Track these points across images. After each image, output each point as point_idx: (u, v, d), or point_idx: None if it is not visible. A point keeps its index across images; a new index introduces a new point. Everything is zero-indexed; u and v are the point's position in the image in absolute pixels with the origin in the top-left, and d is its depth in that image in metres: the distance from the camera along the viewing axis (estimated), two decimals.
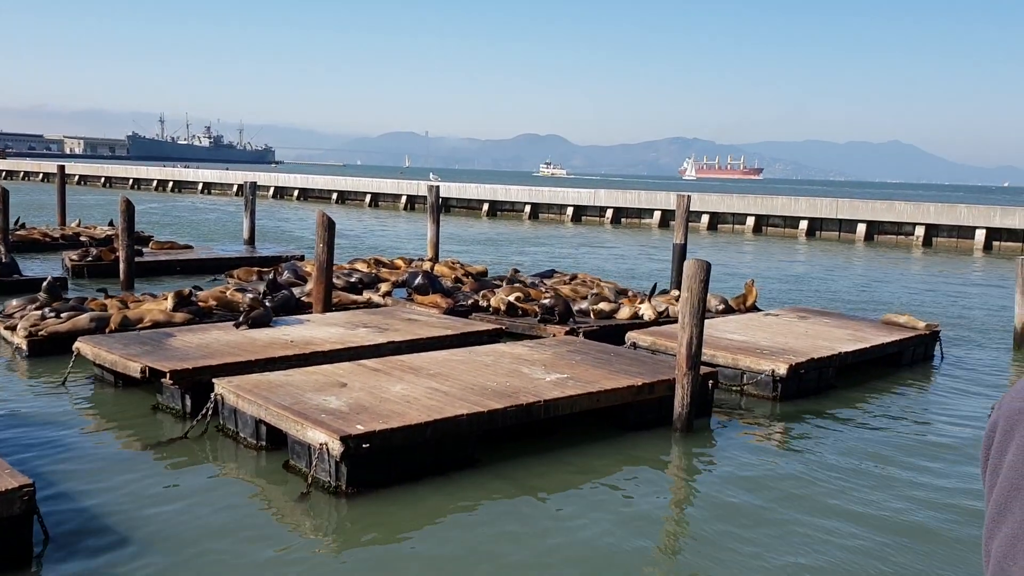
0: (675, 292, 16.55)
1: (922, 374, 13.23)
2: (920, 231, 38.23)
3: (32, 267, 20.43)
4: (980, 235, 36.74)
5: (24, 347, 11.88)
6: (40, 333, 12.01)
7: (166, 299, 13.30)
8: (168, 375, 9.29)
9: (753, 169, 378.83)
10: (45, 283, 13.93)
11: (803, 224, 41.10)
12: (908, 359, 13.51)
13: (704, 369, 10.14)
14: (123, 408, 9.82)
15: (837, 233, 40.39)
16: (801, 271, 27.18)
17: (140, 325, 12.25)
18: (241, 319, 11.75)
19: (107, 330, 11.98)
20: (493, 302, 14.75)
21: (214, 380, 8.98)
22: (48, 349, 11.88)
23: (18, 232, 25.32)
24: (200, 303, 13.54)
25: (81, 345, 10.60)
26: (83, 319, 12.29)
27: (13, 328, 12.39)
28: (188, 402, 9.37)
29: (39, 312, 12.66)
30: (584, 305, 14.75)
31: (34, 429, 8.92)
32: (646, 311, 14.59)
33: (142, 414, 9.61)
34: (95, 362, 10.48)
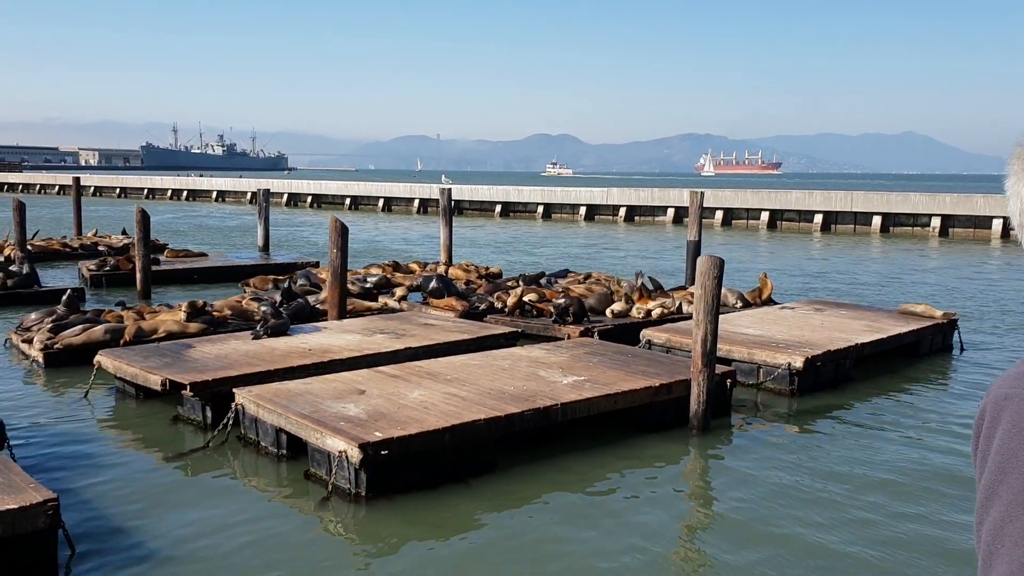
0: (690, 288, 16.53)
1: (940, 364, 13.15)
2: (936, 222, 38.00)
3: (51, 277, 20.63)
4: (997, 224, 36.47)
5: (40, 359, 12.00)
6: (56, 346, 12.12)
7: (181, 310, 13.39)
8: (188, 387, 9.35)
9: (771, 164, 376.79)
10: (65, 296, 14.06)
11: (818, 218, 40.93)
12: (926, 349, 13.45)
13: (722, 368, 10.13)
14: (144, 420, 9.90)
15: (852, 226, 40.19)
16: (817, 265, 27.06)
17: (154, 336, 12.34)
18: (259, 329, 11.81)
19: (121, 342, 12.07)
20: (509, 302, 14.79)
21: (234, 390, 9.05)
22: (64, 361, 12.00)
23: (37, 243, 25.59)
24: (215, 313, 13.63)
25: (102, 358, 10.69)
26: (98, 331, 12.40)
27: (31, 341, 12.51)
28: (208, 413, 9.43)
29: (52, 325, 12.77)
30: (591, 302, 14.73)
31: (57, 442, 9.01)
32: (656, 310, 14.55)
33: (163, 426, 9.68)
34: (116, 375, 10.57)
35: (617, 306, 14.60)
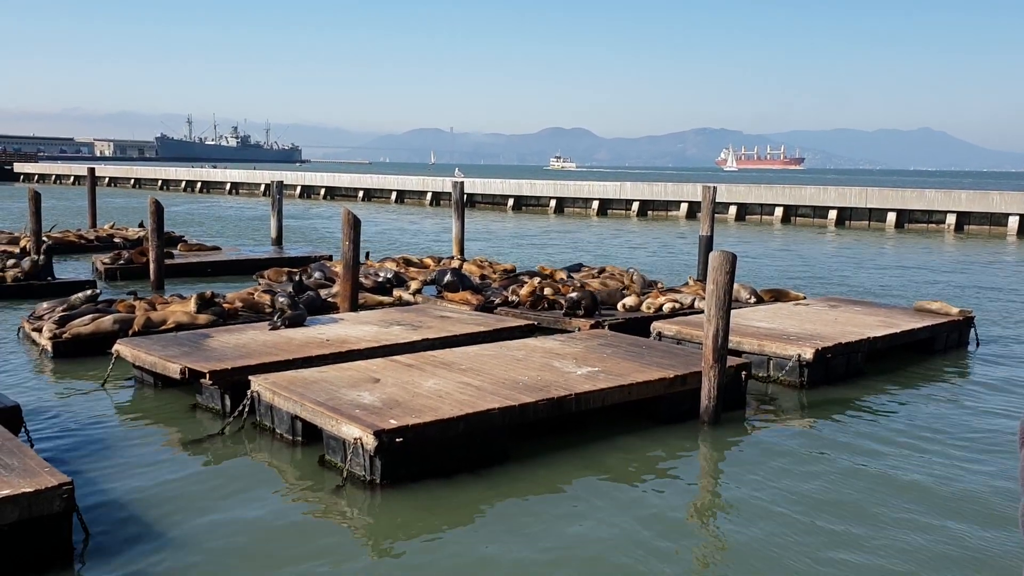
0: (692, 285, 16.58)
1: (955, 361, 13.10)
2: (951, 219, 37.83)
3: (66, 269, 20.80)
4: (1013, 221, 36.28)
5: (49, 348, 12.14)
6: (64, 335, 12.26)
7: (191, 301, 13.49)
8: (207, 375, 9.44)
9: (794, 159, 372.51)
10: (88, 292, 14.17)
11: (832, 214, 40.83)
12: (941, 345, 13.41)
13: (736, 360, 10.16)
14: (161, 408, 10.00)
15: (867, 222, 40.07)
16: (831, 260, 27.00)
17: (164, 327, 12.44)
18: (276, 320, 11.90)
19: (131, 332, 12.18)
20: (522, 292, 14.84)
21: (250, 377, 9.15)
22: (72, 350, 12.13)
23: (53, 235, 25.77)
24: (226, 305, 13.71)
25: (120, 347, 10.80)
26: (106, 321, 12.52)
27: (41, 330, 12.64)
28: (227, 402, 9.51)
29: (61, 314, 12.91)
30: (603, 296, 14.76)
31: (74, 429, 9.12)
32: (667, 305, 14.54)
33: (181, 414, 9.78)
34: (134, 364, 10.67)
35: (629, 300, 14.63)
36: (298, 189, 60.85)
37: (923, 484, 7.93)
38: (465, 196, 25.22)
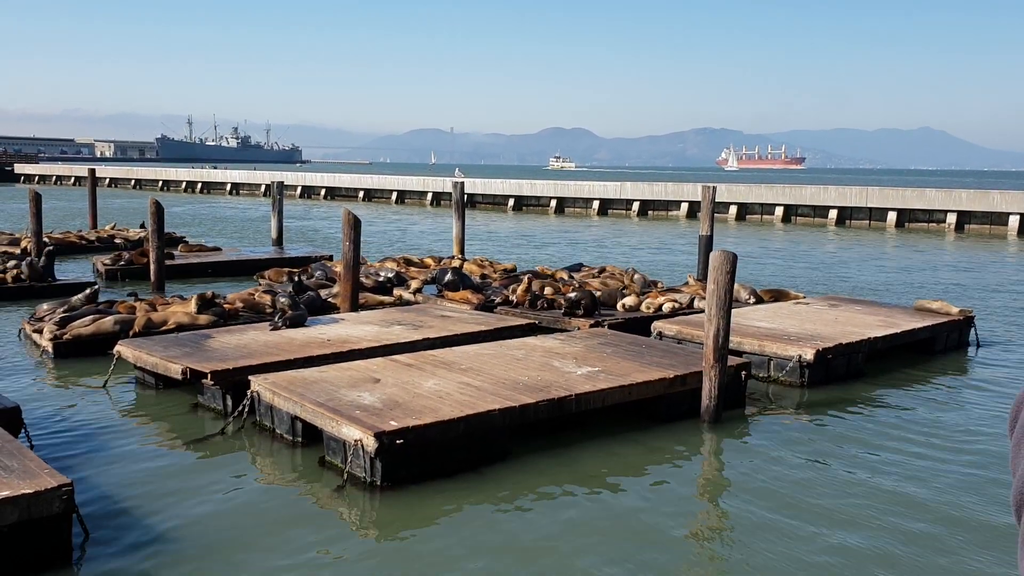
0: (692, 284, 16.57)
1: (956, 360, 13.11)
2: (952, 218, 37.80)
3: (66, 270, 20.78)
4: (1014, 221, 36.25)
5: (49, 349, 12.15)
6: (65, 336, 12.26)
7: (191, 302, 13.50)
8: (209, 376, 9.45)
9: (795, 159, 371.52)
10: (88, 291, 14.18)
11: (832, 213, 40.81)
12: (941, 345, 13.40)
13: (736, 360, 10.16)
14: (163, 409, 10.00)
15: (867, 222, 40.05)
16: (831, 260, 26.98)
17: (164, 327, 12.44)
18: (277, 320, 11.90)
19: (131, 332, 12.18)
20: (518, 291, 14.83)
21: (250, 377, 9.15)
22: (73, 351, 12.15)
23: (54, 236, 25.76)
24: (227, 305, 13.71)
25: (122, 348, 10.80)
26: (107, 322, 12.52)
27: (42, 331, 12.64)
28: (229, 402, 9.52)
29: (61, 315, 12.91)
30: (603, 296, 14.75)
31: (75, 430, 9.12)
32: (666, 305, 14.53)
33: (182, 414, 9.79)
34: (135, 364, 10.67)
35: (628, 300, 14.63)
36: (299, 190, 60.83)
37: (923, 486, 7.93)
38: (465, 196, 25.21)
